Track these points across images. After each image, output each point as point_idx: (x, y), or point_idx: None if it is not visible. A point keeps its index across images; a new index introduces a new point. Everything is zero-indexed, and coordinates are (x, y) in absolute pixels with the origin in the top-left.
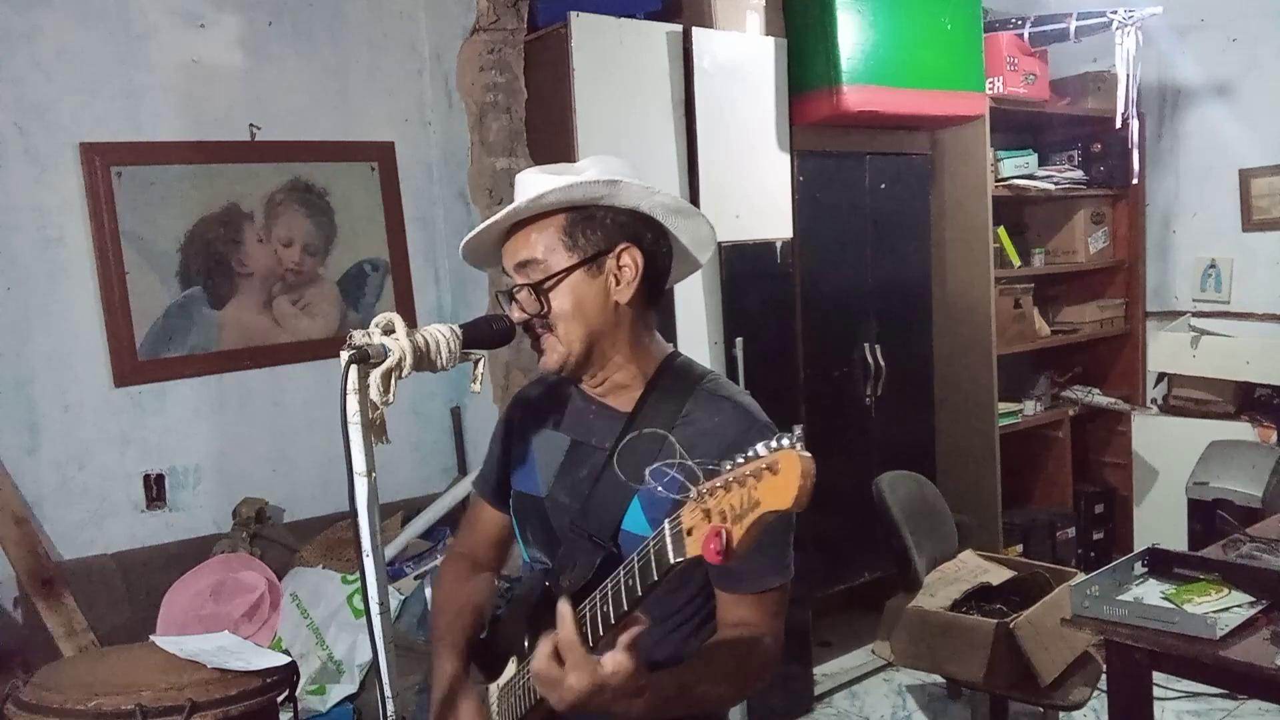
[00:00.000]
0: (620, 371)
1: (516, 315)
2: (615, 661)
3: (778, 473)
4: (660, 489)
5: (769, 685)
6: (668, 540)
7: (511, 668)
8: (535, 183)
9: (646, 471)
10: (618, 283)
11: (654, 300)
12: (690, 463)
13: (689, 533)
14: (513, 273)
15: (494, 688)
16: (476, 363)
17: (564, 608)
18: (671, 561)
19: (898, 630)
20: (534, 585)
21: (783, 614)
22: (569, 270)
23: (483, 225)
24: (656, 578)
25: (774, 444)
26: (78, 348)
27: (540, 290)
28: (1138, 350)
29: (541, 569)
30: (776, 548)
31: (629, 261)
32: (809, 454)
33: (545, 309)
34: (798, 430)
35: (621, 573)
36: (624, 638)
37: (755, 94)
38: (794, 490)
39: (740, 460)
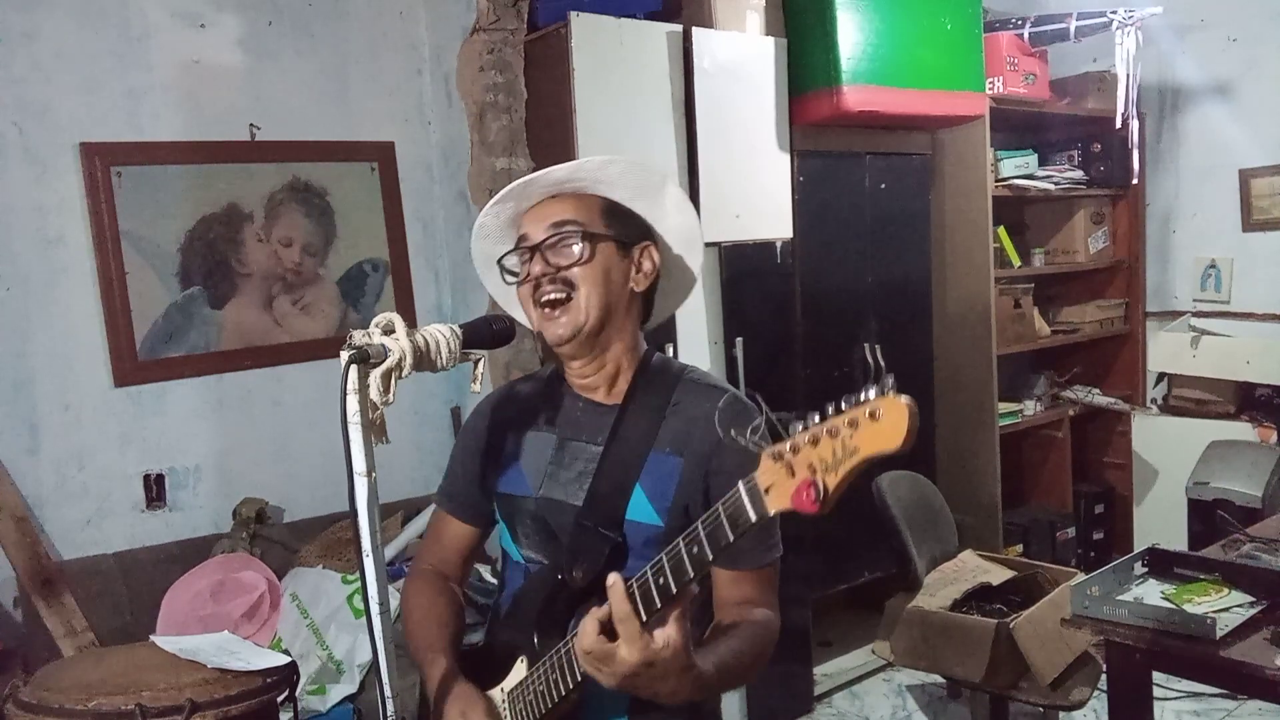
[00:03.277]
0: (612, 363)
1: (538, 268)
2: (666, 635)
3: (879, 419)
4: (759, 450)
5: (769, 685)
6: (745, 500)
7: (521, 669)
8: (550, 174)
9: (733, 431)
10: (637, 271)
11: (649, 310)
12: (775, 419)
13: (767, 490)
14: (541, 231)
15: (497, 692)
16: (476, 363)
17: (616, 581)
18: (752, 520)
19: (898, 630)
20: (538, 584)
21: (777, 588)
22: (609, 238)
23: (529, 179)
24: (732, 538)
25: (863, 395)
26: (78, 348)
27: (587, 239)
28: (1138, 350)
29: (542, 567)
30: (770, 525)
31: (649, 258)
32: (909, 396)
33: (588, 257)
34: (891, 379)
35: (683, 542)
36: (673, 612)
37: (755, 94)
38: (902, 433)
39: (817, 417)
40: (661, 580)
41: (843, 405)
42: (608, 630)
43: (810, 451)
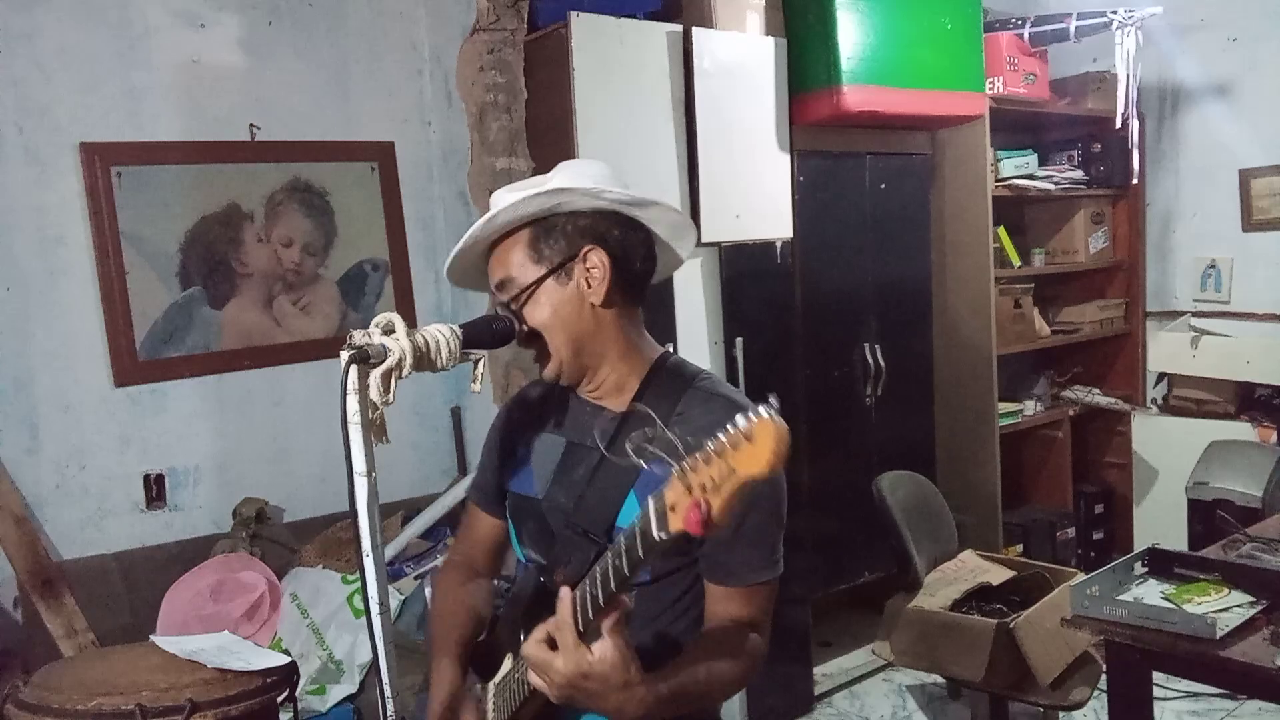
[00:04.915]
0: (614, 373)
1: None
2: (602, 647)
3: (753, 440)
4: (645, 465)
5: (769, 685)
6: (652, 518)
7: (507, 664)
8: (498, 202)
9: (628, 445)
10: (589, 285)
11: (634, 298)
12: (670, 435)
13: (672, 509)
14: (496, 293)
15: (491, 686)
16: (476, 363)
17: (565, 592)
18: (656, 537)
19: (898, 630)
20: (528, 583)
21: (771, 610)
22: (538, 283)
23: (451, 254)
24: (642, 555)
25: (750, 416)
26: (78, 348)
27: (514, 308)
28: (1138, 350)
29: (535, 566)
30: (767, 543)
31: (596, 262)
32: (782, 421)
33: (522, 324)
34: (773, 400)
35: (609, 555)
36: (607, 622)
37: (755, 94)
38: (768, 456)
39: (720, 436)
40: (594, 591)
41: (739, 423)
42: (552, 640)
43: (705, 471)
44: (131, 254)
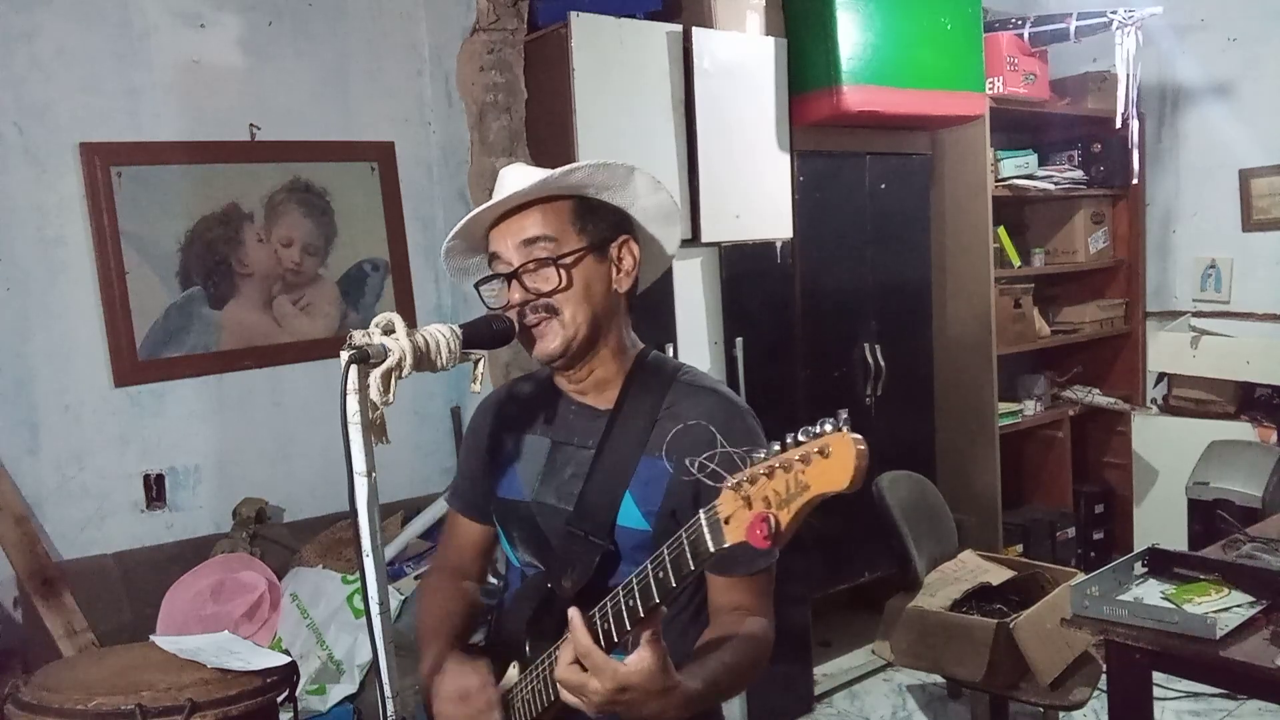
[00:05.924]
0: (603, 366)
1: (517, 296)
2: (639, 658)
3: (829, 456)
4: (672, 473)
5: (769, 685)
6: (704, 529)
7: (513, 674)
8: (533, 173)
9: (689, 461)
10: (618, 271)
11: (634, 299)
12: (733, 451)
13: (727, 521)
14: (513, 251)
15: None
16: (476, 363)
17: (574, 616)
18: (711, 550)
19: (898, 630)
20: (532, 589)
21: (772, 593)
22: (583, 251)
23: (497, 200)
24: (694, 567)
25: (818, 429)
26: (78, 348)
27: (561, 265)
28: (1138, 350)
29: (536, 573)
30: None
31: (628, 253)
32: (860, 437)
33: (565, 284)
34: (844, 414)
35: (650, 566)
36: (645, 634)
37: (755, 94)
38: (849, 472)
39: (776, 447)
40: (631, 603)
41: (800, 437)
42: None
43: (766, 485)
44: (131, 254)
